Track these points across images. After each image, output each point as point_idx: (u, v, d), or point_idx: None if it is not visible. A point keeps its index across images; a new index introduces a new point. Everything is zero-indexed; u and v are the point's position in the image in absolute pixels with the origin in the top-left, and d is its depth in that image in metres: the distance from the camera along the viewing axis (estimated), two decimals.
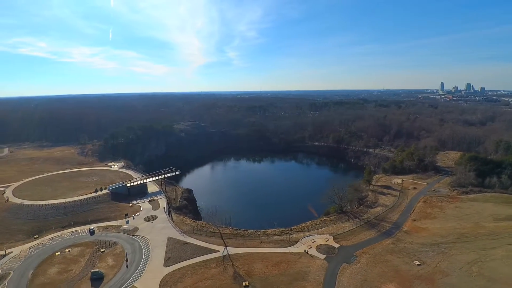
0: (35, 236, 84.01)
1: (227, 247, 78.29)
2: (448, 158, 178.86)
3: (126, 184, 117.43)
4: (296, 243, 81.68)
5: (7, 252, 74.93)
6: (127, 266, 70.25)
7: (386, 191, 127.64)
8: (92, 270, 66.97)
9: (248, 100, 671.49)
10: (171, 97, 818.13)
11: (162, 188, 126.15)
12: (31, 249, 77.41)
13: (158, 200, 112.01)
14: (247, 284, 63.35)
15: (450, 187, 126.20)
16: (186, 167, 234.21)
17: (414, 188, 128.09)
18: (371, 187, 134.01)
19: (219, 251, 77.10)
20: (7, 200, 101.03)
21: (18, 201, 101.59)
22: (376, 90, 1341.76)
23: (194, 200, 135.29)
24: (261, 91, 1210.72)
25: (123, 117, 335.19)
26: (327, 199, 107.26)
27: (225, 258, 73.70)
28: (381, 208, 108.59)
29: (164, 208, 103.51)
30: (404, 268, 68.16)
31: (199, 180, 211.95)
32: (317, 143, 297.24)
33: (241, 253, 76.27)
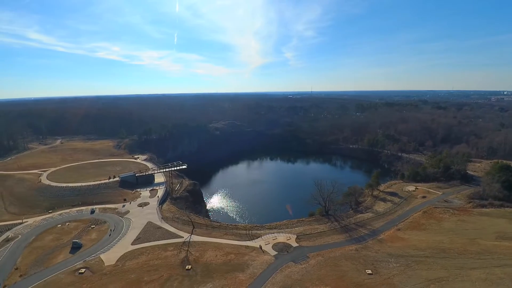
0: (50, 211, 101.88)
1: (192, 235, 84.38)
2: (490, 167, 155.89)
3: (135, 174, 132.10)
4: (257, 238, 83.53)
5: (23, 221, 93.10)
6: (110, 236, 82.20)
7: (389, 197, 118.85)
8: (73, 240, 79.70)
9: (293, 101, 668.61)
10: (222, 97, 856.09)
11: (168, 179, 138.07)
12: (42, 221, 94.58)
13: (158, 189, 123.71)
14: (190, 267, 68.44)
15: (468, 198, 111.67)
16: (215, 164, 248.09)
17: (424, 197, 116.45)
18: (375, 192, 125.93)
19: (183, 237, 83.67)
20: (40, 181, 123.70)
21: (47, 182, 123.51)
22: (443, 91, 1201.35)
23: (199, 193, 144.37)
24: (311, 92, 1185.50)
25: (168, 115, 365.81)
26: (312, 200, 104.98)
27: (185, 244, 79.84)
28: (371, 214, 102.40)
29: (158, 197, 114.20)
30: (351, 274, 65.22)
31: (221, 175, 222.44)
32: (351, 146, 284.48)
33: (201, 241, 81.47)
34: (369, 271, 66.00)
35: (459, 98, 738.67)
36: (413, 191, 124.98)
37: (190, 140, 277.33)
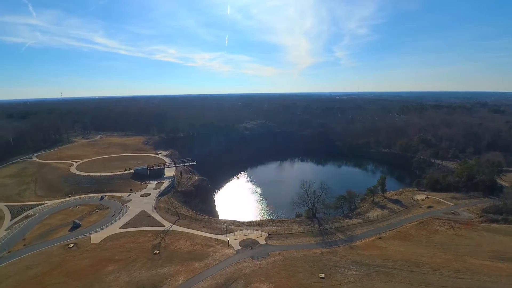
0: (68, 196, 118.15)
1: (173, 225, 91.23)
2: None
3: (147, 167, 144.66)
4: (230, 233, 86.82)
5: (45, 202, 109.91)
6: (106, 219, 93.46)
7: (390, 205, 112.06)
8: (74, 220, 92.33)
9: (334, 102, 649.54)
10: (265, 97, 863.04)
11: (178, 174, 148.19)
12: (59, 203, 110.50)
13: (164, 182, 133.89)
14: (157, 253, 74.96)
15: (481, 212, 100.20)
16: (239, 163, 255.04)
17: (430, 207, 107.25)
18: (378, 198, 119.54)
19: (165, 226, 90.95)
20: (68, 170, 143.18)
21: (74, 171, 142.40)
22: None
23: (206, 188, 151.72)
24: (358, 92, 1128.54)
25: (203, 114, 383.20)
26: (300, 201, 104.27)
27: (163, 232, 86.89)
28: (359, 220, 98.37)
29: (160, 189, 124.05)
30: (301, 276, 65.00)
31: (242, 174, 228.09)
32: (384, 150, 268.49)
33: (178, 231, 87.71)
34: (322, 275, 64.96)
35: None
36: (422, 200, 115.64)
37: (218, 139, 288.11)
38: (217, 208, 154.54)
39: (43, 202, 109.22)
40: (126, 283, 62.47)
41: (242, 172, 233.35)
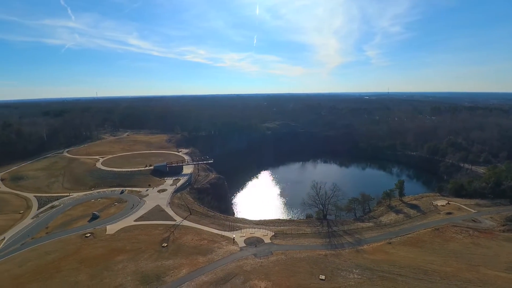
0: (92, 188, 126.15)
1: (184, 220, 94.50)
2: None
3: (166, 164, 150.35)
4: (237, 230, 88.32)
5: (70, 195, 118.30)
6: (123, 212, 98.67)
7: (406, 209, 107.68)
8: (93, 212, 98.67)
9: (362, 102, 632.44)
10: (291, 97, 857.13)
11: (195, 171, 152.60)
12: (83, 196, 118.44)
13: (181, 179, 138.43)
14: (165, 245, 78.26)
15: (505, 220, 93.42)
16: (259, 162, 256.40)
17: (449, 213, 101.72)
18: (394, 202, 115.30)
19: (176, 220, 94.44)
20: (94, 165, 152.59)
21: (99, 166, 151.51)
22: None
23: (222, 186, 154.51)
24: (388, 93, 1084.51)
25: (227, 113, 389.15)
26: (310, 201, 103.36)
27: (174, 226, 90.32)
28: (371, 224, 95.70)
29: (176, 185, 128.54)
30: (301, 276, 64.86)
31: (260, 173, 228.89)
32: (411, 153, 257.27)
33: (188, 226, 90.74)
34: (323, 277, 64.34)
35: None
36: (442, 206, 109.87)
37: (239, 138, 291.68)
38: (233, 206, 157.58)
39: (68, 194, 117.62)
40: (133, 272, 65.98)
41: (262, 172, 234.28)
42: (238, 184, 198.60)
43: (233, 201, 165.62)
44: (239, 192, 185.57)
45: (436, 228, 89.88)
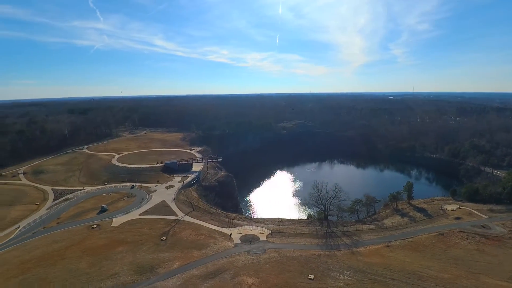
0: (105, 183, 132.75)
1: (186, 216, 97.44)
2: None
3: (177, 162, 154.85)
4: (235, 227, 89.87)
5: (84, 188, 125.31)
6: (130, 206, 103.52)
7: (412, 213, 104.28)
8: (102, 205, 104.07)
9: (383, 102, 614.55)
10: (312, 97, 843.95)
11: (205, 169, 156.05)
12: (96, 190, 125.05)
13: (189, 176, 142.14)
14: (164, 239, 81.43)
15: None
16: (271, 162, 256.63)
17: (458, 218, 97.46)
18: (401, 205, 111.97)
19: (178, 216, 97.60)
20: (110, 161, 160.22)
21: (114, 162, 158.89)
22: None
23: (230, 184, 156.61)
24: (413, 92, 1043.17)
25: (244, 113, 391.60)
26: (312, 201, 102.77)
27: (175, 221, 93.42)
28: (372, 226, 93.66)
29: (183, 182, 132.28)
30: (290, 275, 65.15)
31: (271, 173, 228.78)
32: (431, 155, 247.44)
33: (189, 221, 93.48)
34: (312, 277, 64.32)
35: None
36: (452, 210, 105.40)
37: (253, 138, 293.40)
38: (241, 204, 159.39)
39: (82, 188, 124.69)
40: (130, 262, 69.34)
41: (274, 171, 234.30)
42: (249, 183, 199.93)
43: (241, 199, 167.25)
44: (249, 190, 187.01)
45: (440, 233, 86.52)
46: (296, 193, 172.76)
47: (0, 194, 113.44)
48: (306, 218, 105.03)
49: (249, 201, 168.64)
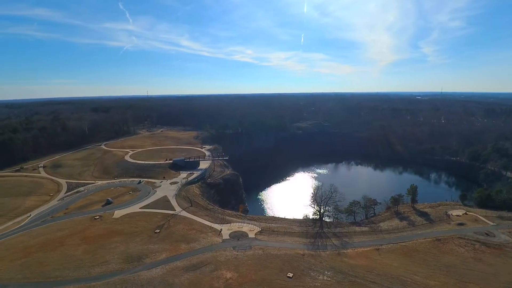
0: (115, 178, 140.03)
1: (183, 211, 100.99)
2: None
3: (184, 159, 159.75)
4: (227, 224, 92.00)
5: (95, 182, 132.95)
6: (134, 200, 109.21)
7: (412, 217, 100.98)
8: (107, 198, 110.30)
9: (412, 102, 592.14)
10: (334, 97, 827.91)
11: (212, 166, 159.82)
12: (105, 183, 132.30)
13: (195, 173, 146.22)
14: (158, 232, 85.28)
15: None
16: (284, 162, 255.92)
17: (460, 224, 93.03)
18: (404, 209, 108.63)
19: (175, 211, 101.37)
20: (123, 157, 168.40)
21: (127, 158, 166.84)
22: None
23: (236, 182, 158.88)
24: (441, 92, 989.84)
25: (259, 112, 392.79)
26: (311, 202, 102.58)
27: (172, 215, 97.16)
28: (366, 229, 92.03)
29: (188, 179, 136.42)
30: (269, 271, 65.84)
31: (282, 172, 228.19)
32: (449, 157, 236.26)
33: (184, 216, 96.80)
34: (290, 275, 64.78)
35: None
36: (457, 216, 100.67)
37: (267, 137, 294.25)
38: (246, 202, 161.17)
39: (94, 182, 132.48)
40: (121, 252, 73.51)
41: (284, 171, 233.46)
42: (259, 181, 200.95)
43: (249, 198, 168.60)
44: (257, 189, 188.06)
45: (437, 239, 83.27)
46: (301, 193, 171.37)
47: (19, 185, 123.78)
48: (301, 218, 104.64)
49: (257, 199, 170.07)
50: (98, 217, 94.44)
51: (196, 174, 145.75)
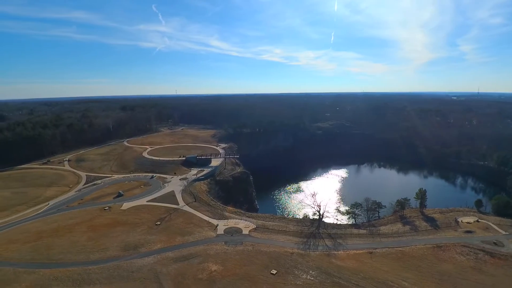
0: (130, 173, 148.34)
1: (185, 206, 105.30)
2: None
3: (197, 156, 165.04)
4: (224, 219, 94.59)
5: (112, 176, 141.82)
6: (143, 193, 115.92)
7: (418, 222, 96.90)
8: (119, 191, 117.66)
9: (445, 103, 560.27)
10: (363, 96, 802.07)
11: (223, 164, 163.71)
12: (121, 177, 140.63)
13: (205, 170, 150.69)
14: (158, 224, 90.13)
15: None
16: (301, 162, 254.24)
17: (468, 231, 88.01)
18: (410, 213, 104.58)
19: (179, 205, 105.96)
20: (141, 153, 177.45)
21: (144, 154, 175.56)
22: None
23: (246, 181, 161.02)
24: (478, 93, 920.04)
25: (281, 112, 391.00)
26: (307, 202, 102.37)
27: (174, 209, 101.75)
28: (364, 232, 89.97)
29: (197, 175, 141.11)
30: (253, 267, 67.37)
31: (297, 172, 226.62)
32: (476, 162, 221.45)
33: (186, 211, 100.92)
34: (274, 272, 65.88)
35: None
36: (466, 223, 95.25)
37: (285, 137, 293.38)
38: (256, 201, 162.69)
39: (111, 176, 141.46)
40: (121, 240, 78.88)
41: (300, 171, 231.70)
42: (272, 180, 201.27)
43: (260, 196, 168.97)
44: (270, 188, 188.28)
45: (438, 246, 79.69)
46: (311, 193, 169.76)
47: (43, 177, 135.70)
48: (301, 217, 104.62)
49: (268, 198, 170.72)
50: (107, 208, 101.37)
51: (206, 171, 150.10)
